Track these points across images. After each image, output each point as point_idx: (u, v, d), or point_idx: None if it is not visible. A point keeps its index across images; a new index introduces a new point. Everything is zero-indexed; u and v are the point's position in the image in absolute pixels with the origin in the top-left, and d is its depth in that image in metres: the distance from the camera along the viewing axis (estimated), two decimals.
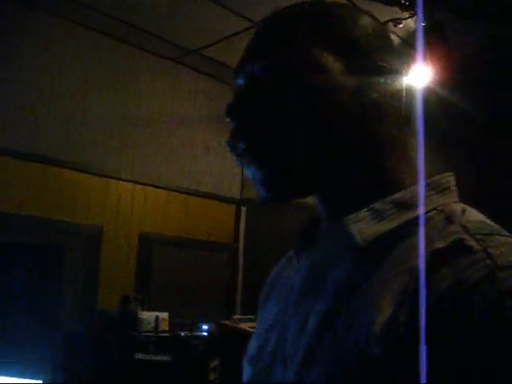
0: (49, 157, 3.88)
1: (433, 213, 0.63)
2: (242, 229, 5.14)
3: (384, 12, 3.04)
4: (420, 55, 3.01)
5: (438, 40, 3.02)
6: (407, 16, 3.09)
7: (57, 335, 3.76)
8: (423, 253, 0.56)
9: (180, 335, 3.93)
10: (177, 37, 4.31)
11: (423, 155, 0.65)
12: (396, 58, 0.69)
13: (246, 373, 0.75)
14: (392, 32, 3.48)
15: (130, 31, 4.21)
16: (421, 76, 3.20)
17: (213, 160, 4.88)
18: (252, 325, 3.12)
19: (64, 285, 3.92)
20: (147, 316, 3.95)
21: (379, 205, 0.64)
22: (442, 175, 0.67)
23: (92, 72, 4.19)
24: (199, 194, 4.80)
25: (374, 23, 0.70)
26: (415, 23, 3.13)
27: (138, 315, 3.92)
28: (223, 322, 3.78)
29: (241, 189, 5.12)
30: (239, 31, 4.00)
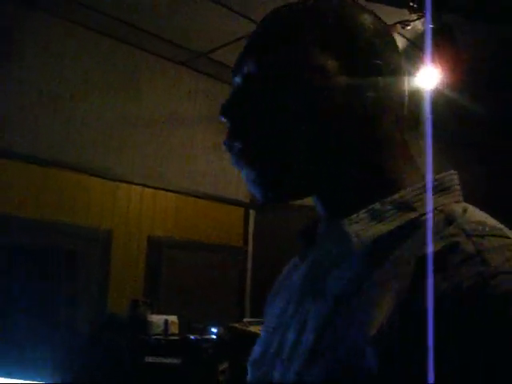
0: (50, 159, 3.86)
1: (429, 214, 0.62)
2: (251, 232, 5.15)
3: (392, 14, 3.03)
4: (428, 57, 3.01)
5: (447, 42, 3.01)
6: (415, 18, 3.08)
7: (67, 338, 3.77)
8: (431, 254, 0.56)
9: (189, 338, 3.93)
10: (177, 37, 4.30)
11: (431, 157, 0.64)
12: (398, 58, 0.69)
13: (250, 377, 0.75)
14: (400, 34, 3.48)
15: (130, 31, 4.19)
16: (429, 78, 3.20)
17: (225, 163, 4.87)
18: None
19: (75, 288, 3.94)
20: (157, 319, 3.96)
21: (379, 205, 0.63)
22: (444, 174, 0.67)
23: (92, 72, 4.18)
24: (208, 197, 4.80)
25: (376, 22, 0.69)
26: (423, 25, 3.13)
27: (148, 318, 3.93)
28: (233, 325, 3.78)
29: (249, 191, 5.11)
30: (240, 31, 3.96)
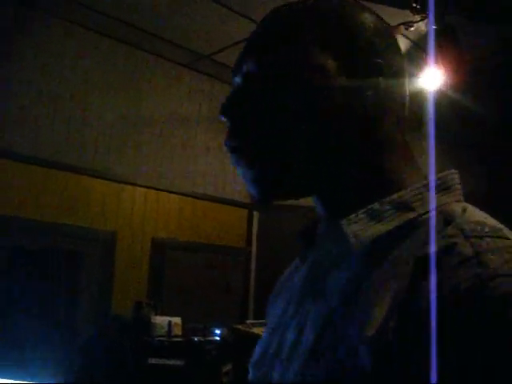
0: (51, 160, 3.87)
1: (432, 213, 0.62)
2: (255, 233, 5.15)
3: (395, 15, 3.04)
4: (431, 58, 3.01)
5: (450, 43, 3.01)
6: (419, 19, 3.08)
7: (71, 339, 3.78)
8: (434, 255, 0.55)
9: (193, 340, 3.94)
10: (177, 37, 4.30)
11: (434, 158, 0.64)
12: (399, 58, 0.69)
13: (250, 377, 0.75)
14: (403, 35, 3.48)
15: (130, 31, 4.19)
16: (432, 79, 3.20)
17: (227, 164, 4.86)
18: None
19: (79, 290, 3.95)
20: (160, 321, 3.96)
21: (377, 205, 0.63)
22: (446, 173, 0.66)
23: (92, 72, 4.18)
24: (211, 199, 4.81)
25: (377, 21, 0.68)
26: (426, 26, 3.13)
27: (151, 320, 3.93)
28: (236, 327, 3.78)
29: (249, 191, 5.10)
30: (240, 31, 3.94)
